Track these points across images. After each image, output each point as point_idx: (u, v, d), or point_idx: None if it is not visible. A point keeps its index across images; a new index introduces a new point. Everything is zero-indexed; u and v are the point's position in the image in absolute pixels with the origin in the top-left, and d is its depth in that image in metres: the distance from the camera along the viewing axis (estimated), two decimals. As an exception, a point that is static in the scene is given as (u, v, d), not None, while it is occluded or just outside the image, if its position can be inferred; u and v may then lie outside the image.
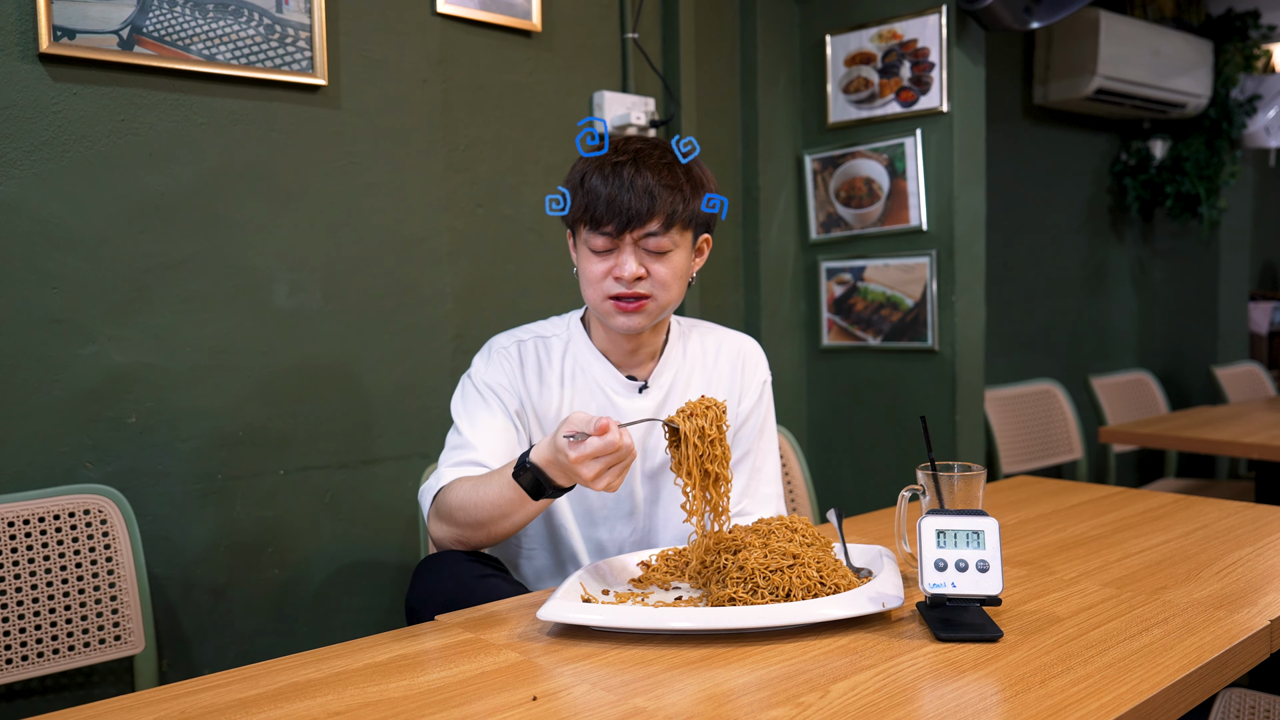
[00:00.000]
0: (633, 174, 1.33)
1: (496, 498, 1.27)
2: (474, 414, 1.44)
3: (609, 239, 1.36)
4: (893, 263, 2.78)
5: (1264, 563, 1.31)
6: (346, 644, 1.09)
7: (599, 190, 1.33)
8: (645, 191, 1.33)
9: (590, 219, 1.35)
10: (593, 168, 1.36)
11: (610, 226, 1.34)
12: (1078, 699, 0.88)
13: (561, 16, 2.46)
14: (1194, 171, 4.04)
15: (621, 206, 1.33)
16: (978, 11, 2.60)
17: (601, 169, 1.35)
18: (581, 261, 1.40)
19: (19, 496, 1.61)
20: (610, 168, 1.34)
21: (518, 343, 1.49)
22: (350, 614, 2.15)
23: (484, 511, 1.29)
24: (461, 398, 1.47)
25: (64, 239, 1.77)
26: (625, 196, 1.32)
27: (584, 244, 1.39)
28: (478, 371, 1.48)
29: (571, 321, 1.53)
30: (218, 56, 1.90)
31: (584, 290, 1.42)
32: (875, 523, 1.63)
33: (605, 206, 1.33)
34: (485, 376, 1.46)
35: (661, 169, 1.35)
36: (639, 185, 1.33)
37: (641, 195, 1.33)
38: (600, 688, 0.94)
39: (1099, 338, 4.22)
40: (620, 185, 1.33)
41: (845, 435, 2.97)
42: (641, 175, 1.34)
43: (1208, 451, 2.74)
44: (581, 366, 1.48)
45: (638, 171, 1.34)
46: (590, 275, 1.39)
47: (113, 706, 0.94)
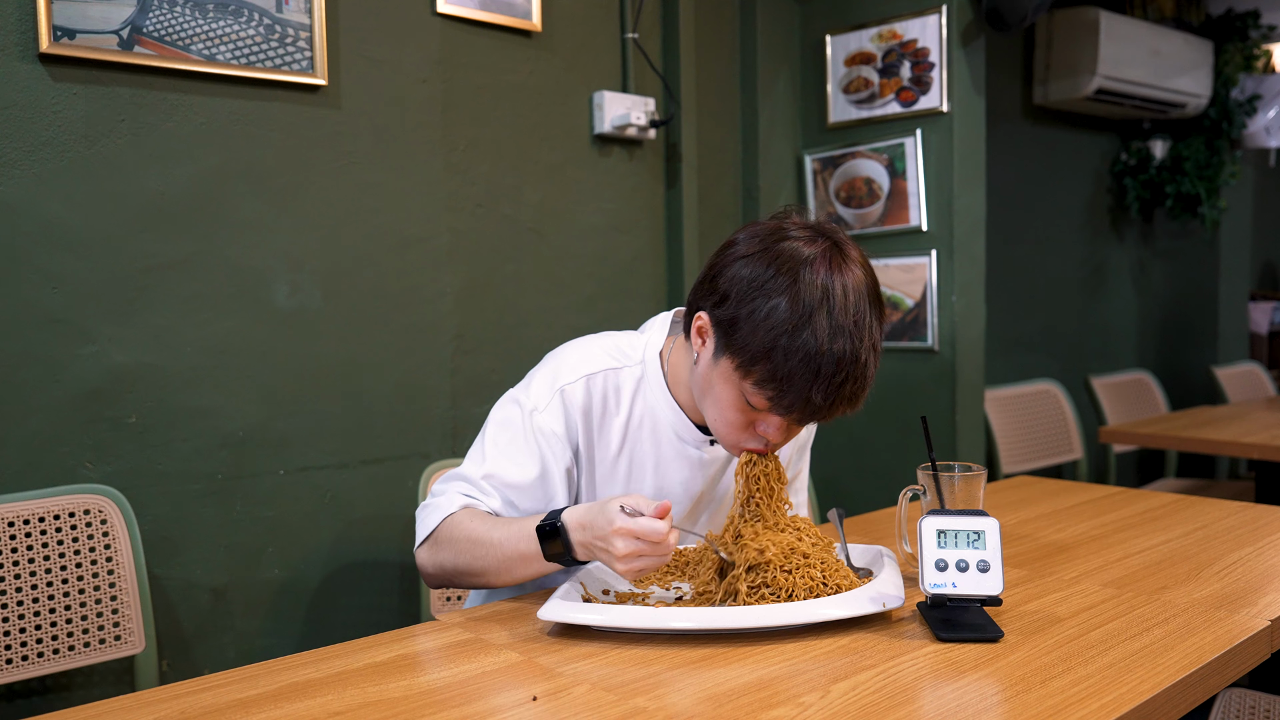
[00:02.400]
0: (855, 389, 1.14)
1: (509, 546, 1.18)
2: (509, 456, 1.29)
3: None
4: (893, 263, 2.78)
5: (1264, 563, 1.31)
6: (346, 644, 1.09)
7: (813, 399, 1.12)
8: (848, 395, 1.15)
9: (777, 404, 1.15)
10: (807, 357, 1.11)
11: (795, 418, 1.17)
12: (1078, 699, 0.88)
13: (561, 16, 2.46)
14: (1194, 171, 4.03)
15: (819, 416, 1.16)
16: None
17: (819, 371, 1.11)
18: (723, 395, 1.20)
19: (19, 496, 1.61)
20: (834, 378, 1.12)
21: (586, 379, 1.31)
22: (350, 614, 2.15)
23: (490, 558, 1.20)
24: (505, 428, 1.31)
25: (64, 239, 1.77)
26: (831, 412, 1.16)
27: (737, 389, 1.18)
28: (535, 407, 1.30)
29: (649, 352, 1.35)
30: (218, 56, 1.90)
31: (709, 412, 1.23)
32: (875, 523, 1.63)
33: (804, 412, 1.15)
34: (540, 420, 1.29)
35: (875, 365, 1.17)
36: (848, 387, 1.14)
37: (844, 399, 1.15)
38: (600, 688, 0.94)
39: (1099, 338, 4.22)
40: (837, 404, 1.14)
41: (845, 435, 2.97)
42: (862, 392, 1.16)
43: (1208, 451, 2.74)
44: (651, 412, 1.33)
45: (858, 391, 1.15)
46: (729, 418, 1.20)
47: (113, 706, 0.94)
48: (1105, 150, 4.21)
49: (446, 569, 1.25)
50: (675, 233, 2.69)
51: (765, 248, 1.17)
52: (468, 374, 2.31)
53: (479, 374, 2.32)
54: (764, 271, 1.15)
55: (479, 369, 2.32)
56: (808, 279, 1.13)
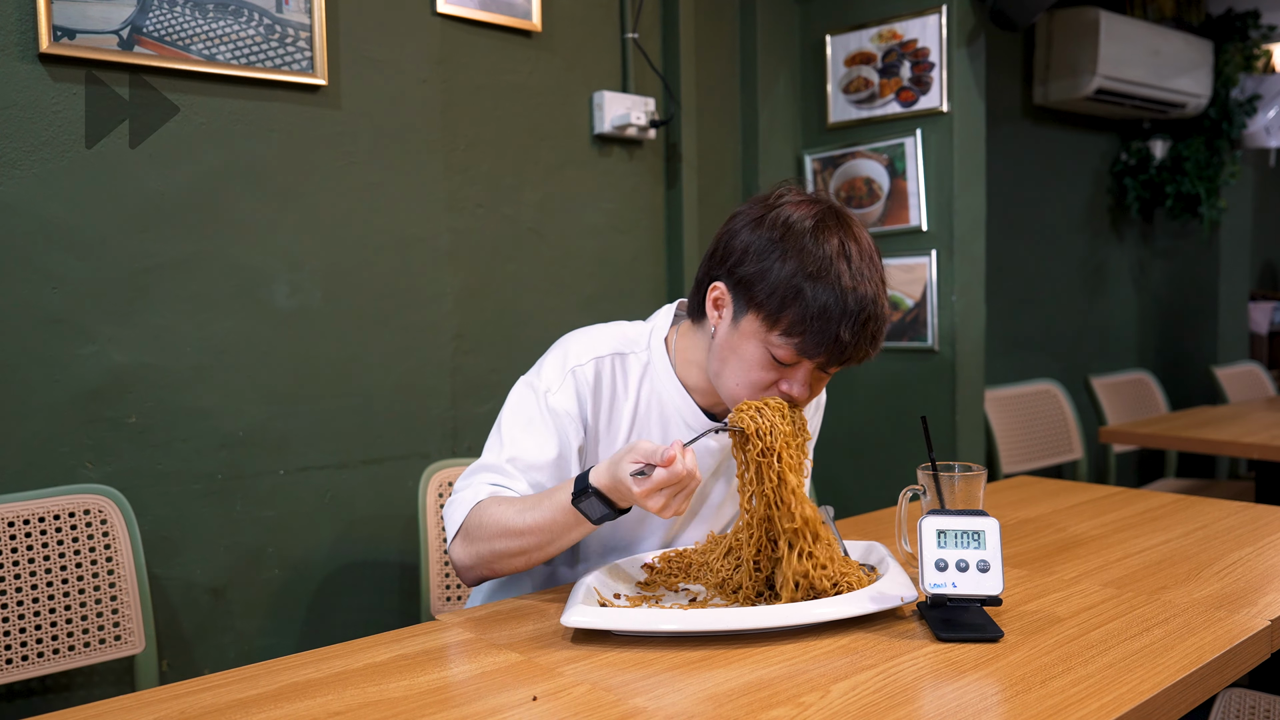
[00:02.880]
0: (876, 327, 1.18)
1: (547, 523, 1.18)
2: (530, 435, 1.30)
3: (801, 359, 1.20)
4: (893, 263, 2.78)
5: (1264, 563, 1.31)
6: (346, 644, 1.09)
7: (842, 335, 1.15)
8: (869, 345, 1.19)
9: (801, 344, 1.17)
10: (835, 295, 1.15)
11: (819, 359, 1.19)
12: (1078, 699, 0.88)
13: (561, 16, 2.46)
14: (1194, 171, 4.03)
15: (843, 352, 1.17)
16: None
17: (846, 307, 1.15)
18: (745, 354, 1.21)
19: (19, 496, 1.61)
20: (860, 314, 1.16)
21: (595, 360, 1.33)
22: (350, 614, 2.15)
23: (530, 539, 1.20)
24: (519, 409, 1.33)
25: (64, 239, 1.77)
26: (861, 346, 1.18)
27: (761, 343, 1.20)
28: (547, 389, 1.32)
29: (654, 339, 1.37)
30: (218, 56, 1.90)
31: (725, 374, 1.24)
32: (875, 523, 1.63)
33: (830, 346, 1.17)
34: (554, 400, 1.31)
35: (889, 311, 1.21)
36: (870, 327, 1.17)
37: (864, 348, 1.18)
38: (600, 688, 0.94)
39: (1099, 338, 4.22)
40: (863, 335, 1.17)
41: (845, 435, 2.97)
42: (881, 332, 1.20)
43: (1208, 451, 2.74)
44: (659, 395, 1.34)
45: (879, 330, 1.19)
46: (753, 379, 1.22)
47: (113, 706, 0.94)
48: (1105, 150, 4.21)
49: (484, 557, 1.24)
50: (675, 233, 2.69)
51: (769, 211, 1.22)
52: (468, 374, 2.31)
53: (479, 374, 2.32)
54: (773, 232, 1.19)
55: (479, 369, 2.32)
56: (822, 234, 1.18)
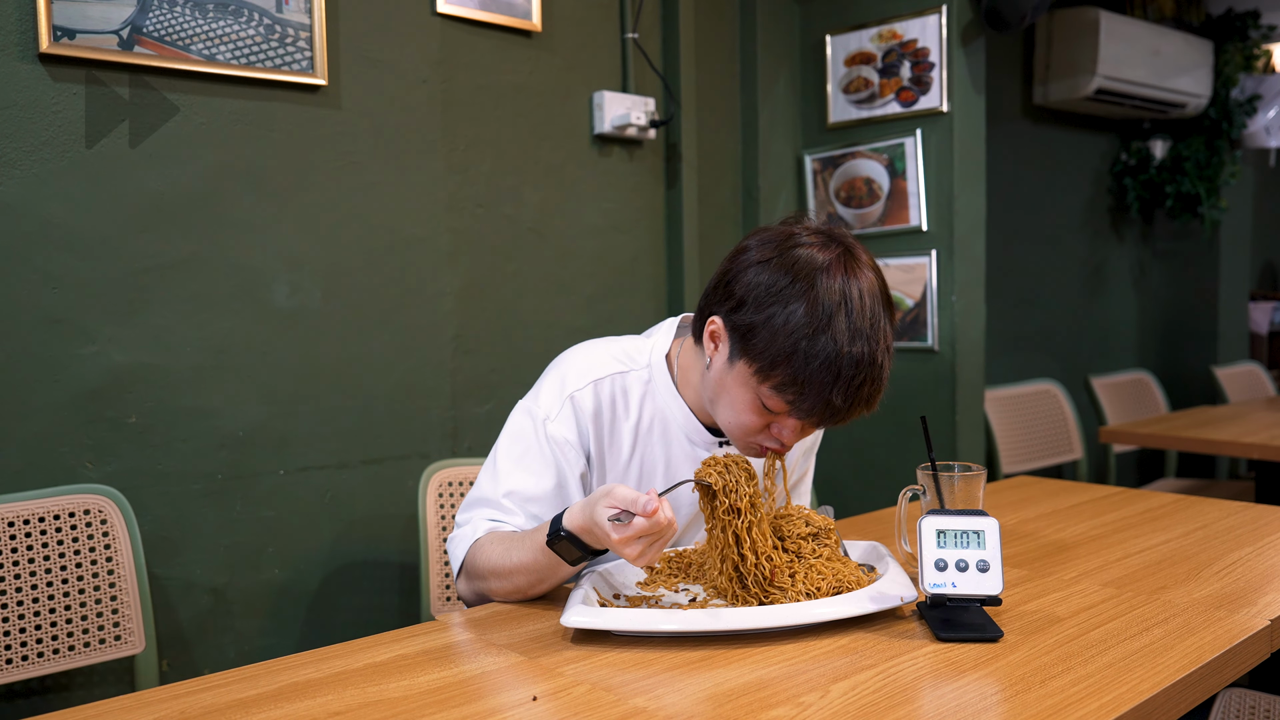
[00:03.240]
0: (872, 391, 1.16)
1: (531, 564, 1.19)
2: (525, 467, 1.29)
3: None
4: (893, 263, 2.78)
5: (1264, 563, 1.31)
6: (346, 644, 1.09)
7: (833, 401, 1.14)
8: (865, 397, 1.16)
9: (795, 406, 1.16)
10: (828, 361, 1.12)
11: (814, 422, 1.19)
12: (1078, 699, 0.88)
13: (561, 16, 2.46)
14: (1194, 171, 4.04)
15: (838, 419, 1.17)
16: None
17: (839, 374, 1.12)
18: (738, 398, 1.21)
19: (19, 496, 1.61)
20: (853, 380, 1.13)
21: (594, 384, 1.32)
22: (350, 614, 2.15)
23: (520, 580, 1.21)
24: (518, 440, 1.32)
25: (64, 239, 1.77)
26: (850, 415, 1.17)
27: (754, 393, 1.19)
28: (546, 417, 1.31)
29: (655, 357, 1.36)
30: (218, 56, 1.90)
31: (721, 412, 1.24)
32: (875, 523, 1.63)
33: (823, 414, 1.16)
34: (552, 429, 1.30)
35: (889, 367, 1.18)
36: (865, 390, 1.15)
37: (861, 402, 1.16)
38: (600, 688, 0.94)
39: (1099, 338, 4.22)
40: (855, 406, 1.16)
41: (845, 435, 2.96)
42: (877, 394, 1.17)
43: (1208, 451, 2.74)
44: (660, 414, 1.34)
45: (874, 393, 1.17)
46: (744, 423, 1.22)
47: (113, 706, 0.94)
48: (1105, 150, 4.21)
49: (484, 595, 1.27)
50: (675, 233, 2.69)
51: (780, 254, 1.18)
52: (468, 374, 2.31)
53: (479, 374, 2.32)
54: (780, 278, 1.16)
55: (479, 369, 2.32)
56: (825, 284, 1.14)
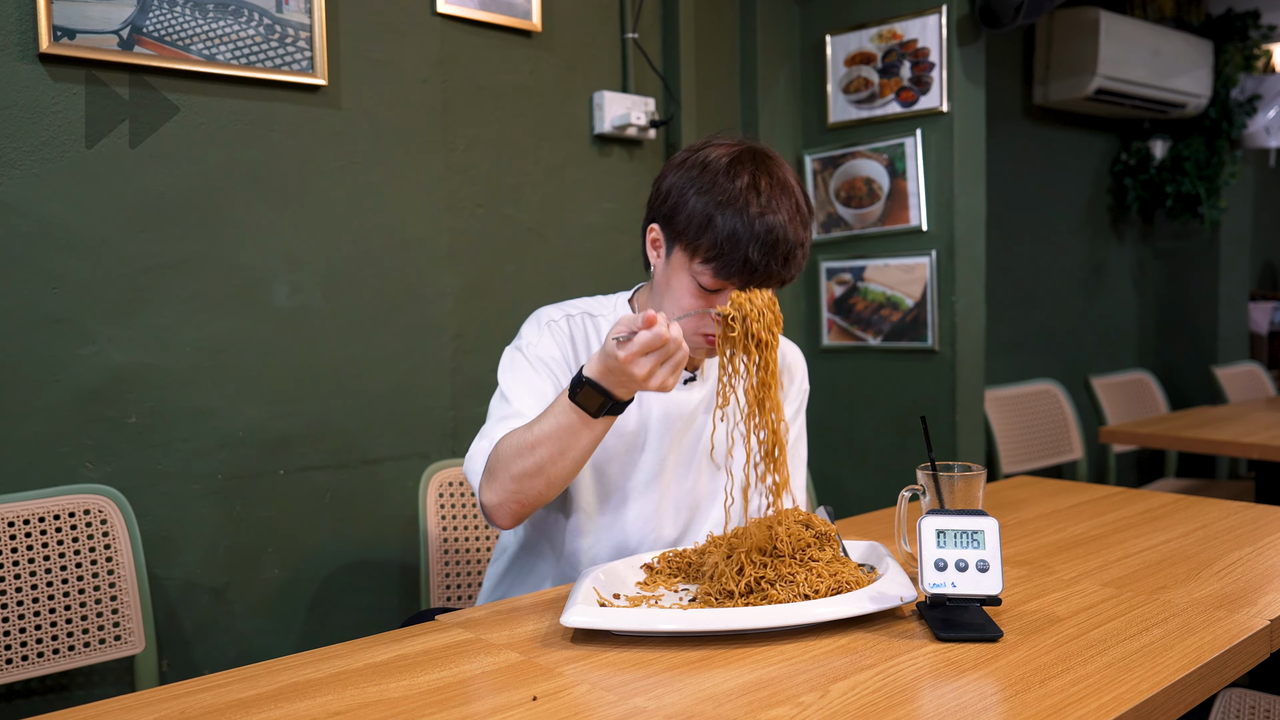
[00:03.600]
0: (781, 234, 1.24)
1: (554, 430, 1.20)
2: (526, 383, 1.38)
3: (724, 284, 1.27)
4: (893, 263, 2.78)
5: (1264, 563, 1.31)
6: (346, 644, 1.09)
7: (741, 241, 1.23)
8: (785, 256, 1.25)
9: (718, 265, 1.25)
10: (735, 203, 1.23)
11: (737, 280, 1.25)
12: (1077, 699, 0.88)
13: (561, 16, 2.46)
14: (1194, 171, 4.04)
15: (757, 267, 1.24)
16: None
17: (746, 211, 1.23)
18: (677, 285, 1.30)
19: (19, 496, 1.61)
20: (759, 216, 1.23)
21: (566, 317, 1.43)
22: (350, 614, 2.15)
23: (543, 451, 1.22)
24: (511, 367, 1.41)
25: (64, 239, 1.78)
26: (765, 260, 1.23)
27: (687, 272, 1.28)
28: (529, 343, 1.42)
29: (619, 304, 1.47)
30: (218, 56, 1.90)
31: (666, 309, 1.32)
32: (875, 523, 1.63)
33: (741, 264, 1.24)
34: (539, 349, 1.40)
35: (799, 224, 1.26)
36: (782, 250, 1.24)
37: (780, 260, 1.25)
38: (600, 688, 0.94)
39: (1099, 338, 4.22)
40: (767, 246, 1.23)
41: (845, 435, 2.97)
42: (787, 234, 1.24)
43: (1208, 451, 2.74)
44: None
45: (785, 232, 1.24)
46: (685, 305, 1.29)
47: (113, 706, 0.94)
48: (1105, 150, 4.21)
49: (509, 487, 1.26)
50: (675, 233, 2.69)
51: (693, 154, 1.32)
52: (468, 374, 2.31)
53: (479, 374, 2.32)
54: (695, 170, 1.29)
55: (479, 369, 2.32)
56: (736, 168, 1.27)
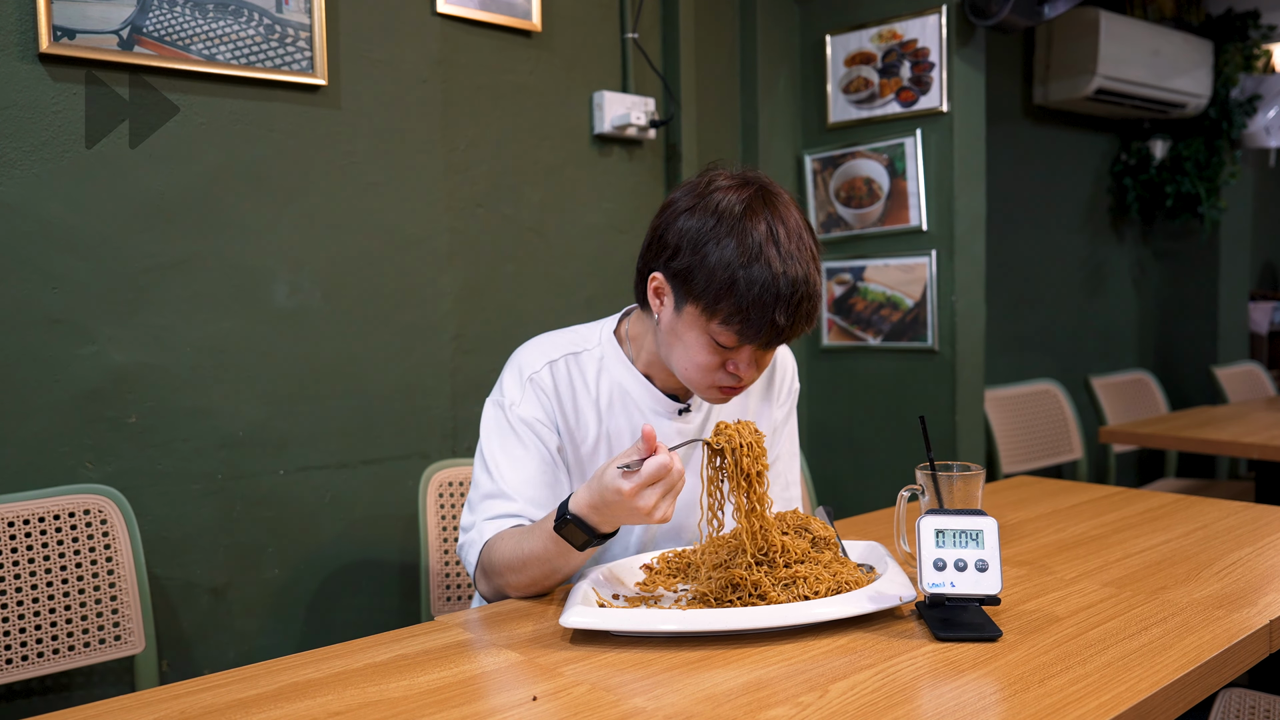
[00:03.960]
0: (810, 306, 1.22)
1: (542, 553, 1.20)
2: (510, 455, 1.33)
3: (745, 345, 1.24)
4: (893, 263, 2.78)
5: (1264, 563, 1.31)
6: (346, 644, 1.09)
7: (778, 321, 1.19)
8: (804, 321, 1.23)
9: (740, 331, 1.21)
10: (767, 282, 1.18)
11: (758, 342, 1.22)
12: (1077, 698, 0.88)
13: (561, 16, 2.46)
14: (1194, 171, 4.03)
15: (784, 338, 1.22)
16: (991, 26, 2.60)
17: (779, 293, 1.18)
18: (689, 340, 1.25)
19: (19, 496, 1.61)
20: (791, 298, 1.19)
21: (549, 364, 1.37)
22: (350, 614, 2.15)
23: (534, 571, 1.22)
24: (495, 432, 1.35)
25: (64, 239, 1.78)
26: (797, 327, 1.22)
27: (703, 330, 1.24)
28: (511, 402, 1.35)
29: (605, 335, 1.41)
30: (218, 56, 1.91)
31: (677, 360, 1.28)
32: (875, 523, 1.63)
33: (770, 332, 1.20)
34: (521, 411, 1.34)
35: (820, 284, 1.24)
36: (804, 307, 1.21)
37: (800, 325, 1.22)
38: (600, 688, 0.94)
39: (1099, 338, 4.22)
40: (798, 316, 1.21)
41: (845, 435, 2.97)
42: (816, 309, 1.23)
43: (1208, 451, 2.74)
44: (620, 386, 1.37)
45: (813, 307, 1.23)
46: (699, 362, 1.25)
47: (113, 706, 0.94)
48: (1105, 150, 4.21)
49: (503, 591, 1.28)
50: (675, 233, 2.69)
51: (702, 199, 1.25)
52: (468, 374, 2.31)
53: (479, 374, 2.32)
54: (707, 219, 1.22)
55: (479, 369, 2.32)
56: (750, 219, 1.21)
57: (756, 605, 1.10)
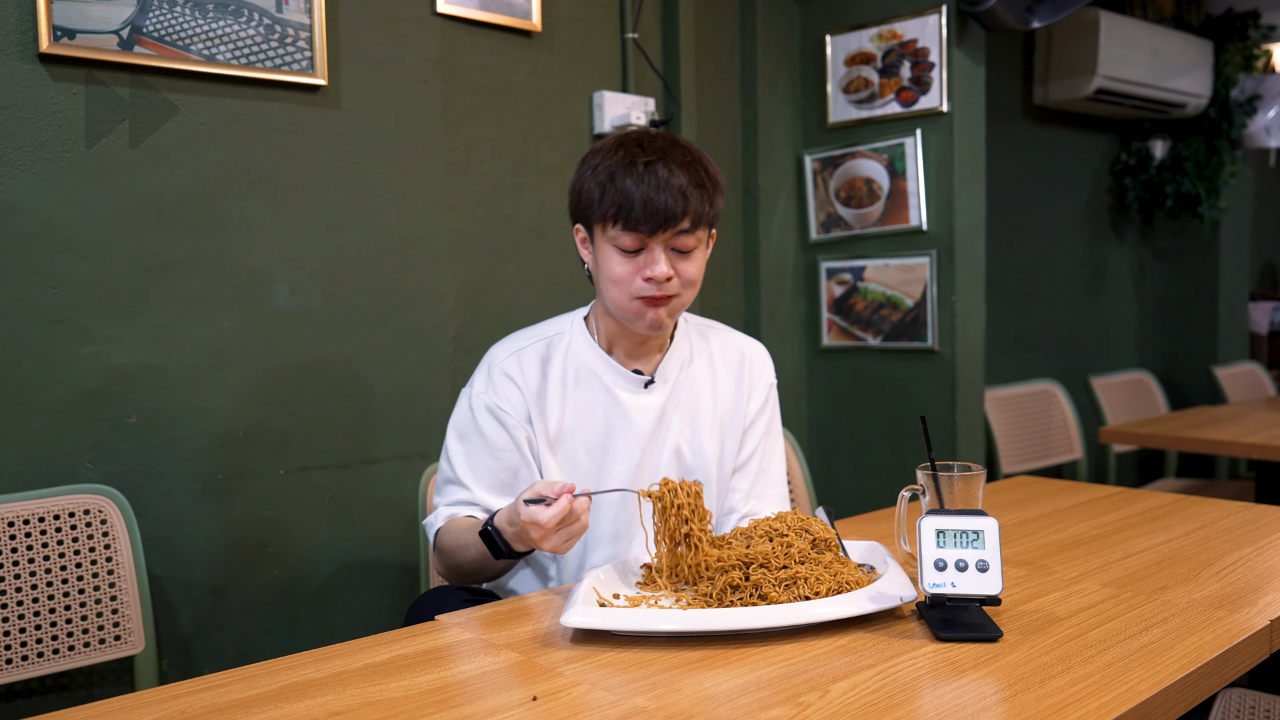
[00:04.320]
0: (666, 174, 1.31)
1: (474, 553, 1.33)
2: (470, 447, 1.43)
3: (640, 238, 1.32)
4: (893, 263, 2.78)
5: (1264, 563, 1.31)
6: (346, 644, 1.09)
7: (632, 191, 1.30)
8: (679, 192, 1.31)
9: (624, 219, 1.31)
10: (620, 165, 1.32)
11: (645, 227, 1.31)
12: (1077, 698, 0.88)
13: (561, 16, 2.46)
14: (1194, 171, 4.03)
15: (657, 207, 1.30)
16: (979, 14, 2.60)
17: (632, 168, 1.31)
18: (605, 261, 1.36)
19: (19, 496, 1.61)
20: (643, 167, 1.31)
21: (517, 354, 1.46)
22: (350, 614, 2.15)
23: (467, 564, 1.36)
24: (459, 423, 1.45)
25: (64, 239, 1.78)
26: (661, 197, 1.30)
27: (609, 243, 1.35)
28: (479, 394, 1.44)
29: (575, 320, 1.50)
30: (218, 56, 1.90)
31: (606, 290, 1.38)
32: (875, 523, 1.63)
33: (642, 207, 1.30)
34: (488, 400, 1.43)
35: (689, 167, 1.33)
36: (674, 185, 1.30)
37: (676, 195, 1.30)
38: (600, 688, 0.94)
39: (1099, 338, 4.22)
40: (655, 185, 1.30)
41: (845, 435, 2.97)
42: (674, 175, 1.31)
43: (1208, 451, 2.74)
44: (585, 365, 1.45)
45: (670, 171, 1.31)
46: (617, 275, 1.35)
47: (113, 706, 0.94)
48: (1105, 150, 4.21)
49: (453, 576, 1.43)
50: (675, 233, 2.69)
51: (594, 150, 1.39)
52: (468, 374, 2.29)
53: (479, 374, 2.32)
54: (588, 160, 1.38)
55: (479, 369, 2.32)
56: (621, 142, 1.36)
57: (757, 605, 1.10)
